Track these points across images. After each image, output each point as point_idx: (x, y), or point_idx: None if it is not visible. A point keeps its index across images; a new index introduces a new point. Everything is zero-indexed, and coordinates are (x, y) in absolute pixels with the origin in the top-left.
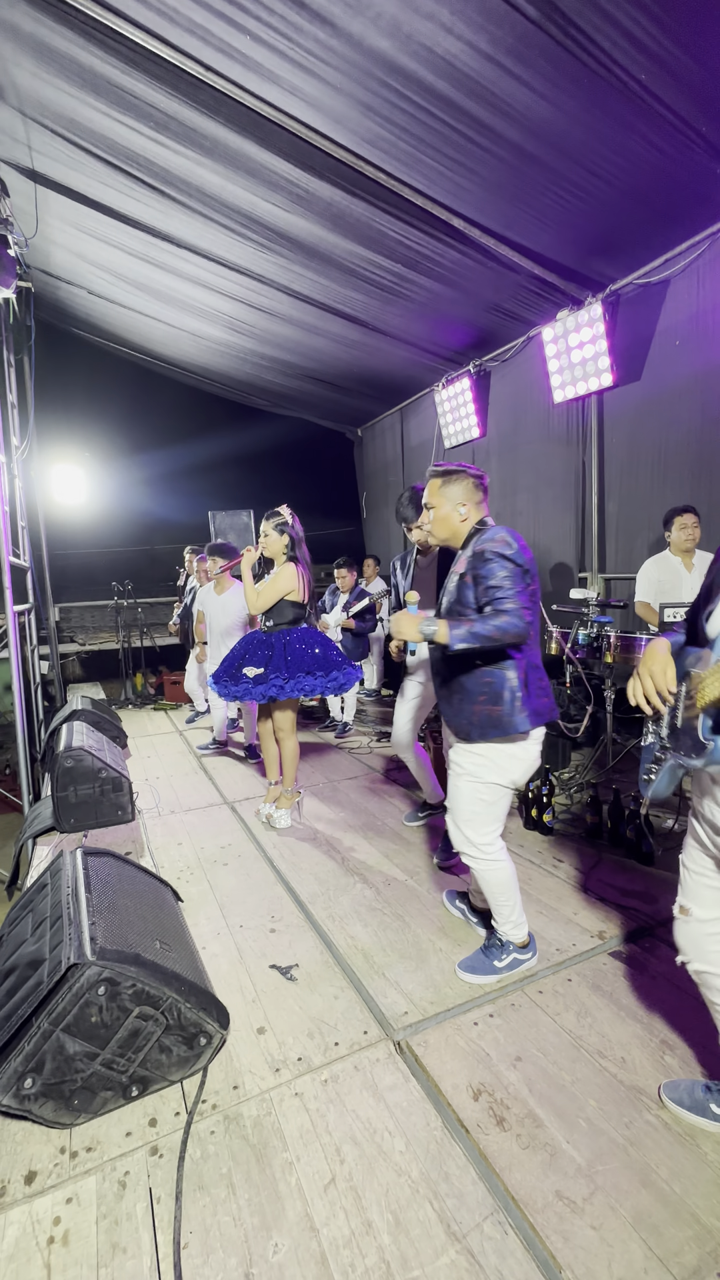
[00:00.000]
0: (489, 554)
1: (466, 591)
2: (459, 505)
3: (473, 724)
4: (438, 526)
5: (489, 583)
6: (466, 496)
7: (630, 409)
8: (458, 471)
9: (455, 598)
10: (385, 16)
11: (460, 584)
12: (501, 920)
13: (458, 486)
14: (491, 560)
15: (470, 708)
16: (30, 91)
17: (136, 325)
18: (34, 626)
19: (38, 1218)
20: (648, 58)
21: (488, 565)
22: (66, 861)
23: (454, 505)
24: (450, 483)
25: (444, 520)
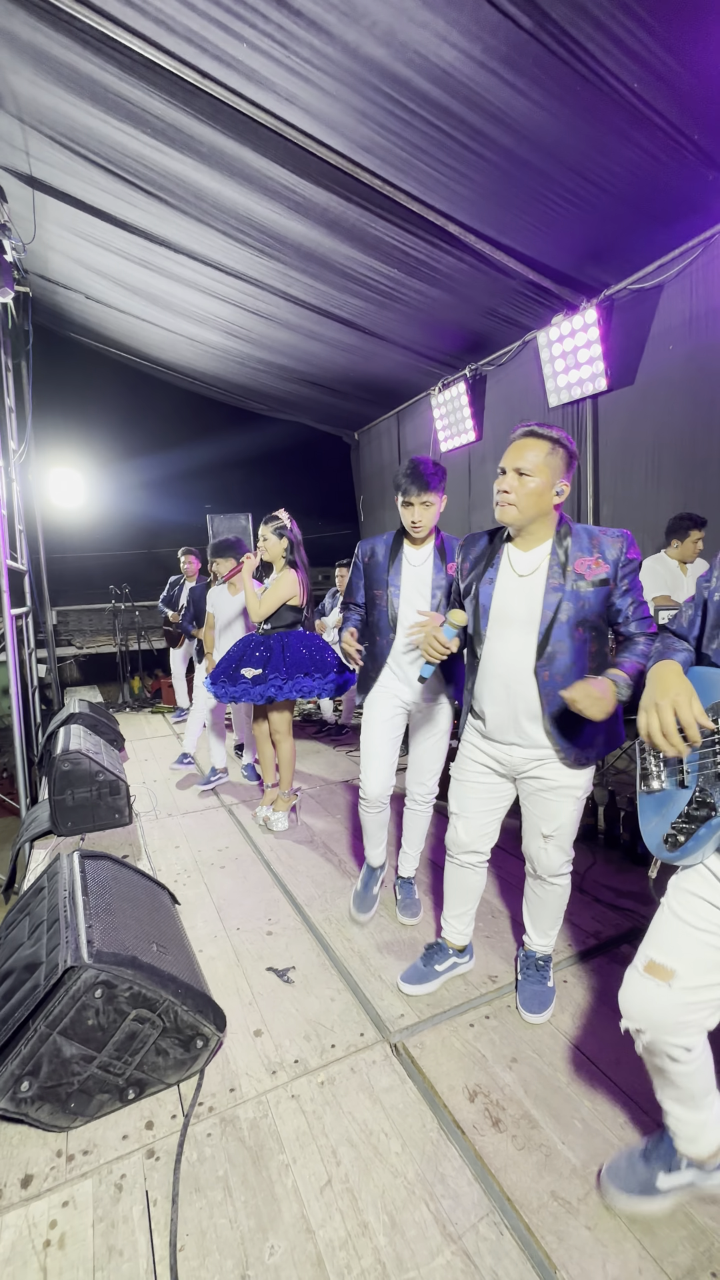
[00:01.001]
0: (635, 558)
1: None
2: (560, 482)
3: (595, 747)
4: (527, 503)
5: (637, 594)
6: (566, 475)
7: (624, 413)
8: (565, 443)
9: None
10: (380, 25)
11: (600, 594)
12: (554, 931)
13: (561, 460)
14: (636, 567)
15: (594, 732)
16: (28, 98)
17: (134, 330)
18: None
19: (34, 1221)
20: (640, 65)
21: (635, 574)
22: (63, 865)
23: (555, 480)
24: (556, 452)
25: (538, 496)
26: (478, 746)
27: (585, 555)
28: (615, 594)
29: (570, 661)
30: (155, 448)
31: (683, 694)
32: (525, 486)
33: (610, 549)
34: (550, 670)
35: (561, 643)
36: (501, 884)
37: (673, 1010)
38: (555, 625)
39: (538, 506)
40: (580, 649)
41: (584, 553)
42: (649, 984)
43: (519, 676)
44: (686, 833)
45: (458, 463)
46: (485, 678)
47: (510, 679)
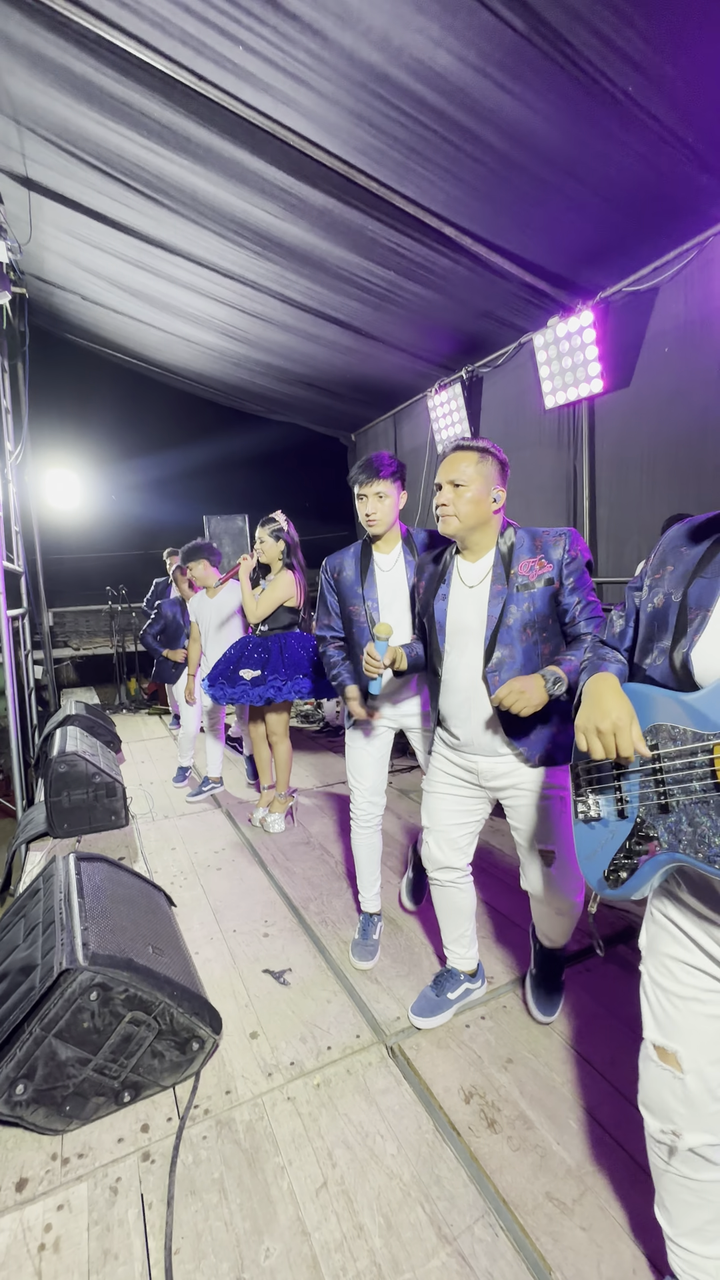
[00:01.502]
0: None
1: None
2: (495, 489)
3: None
4: (466, 512)
5: (585, 593)
6: (500, 482)
7: (620, 415)
8: (490, 451)
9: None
10: (376, 30)
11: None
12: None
13: (492, 468)
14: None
15: (554, 729)
16: (24, 100)
17: (130, 331)
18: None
19: (29, 1225)
20: (634, 70)
21: (582, 572)
22: (59, 867)
23: (490, 487)
24: (486, 460)
25: (475, 504)
26: (447, 758)
27: (528, 557)
28: (562, 593)
29: (519, 666)
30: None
31: (623, 717)
32: (462, 497)
33: (554, 549)
34: (500, 676)
35: (509, 647)
36: (496, 884)
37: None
38: (501, 630)
39: (477, 515)
40: (530, 651)
41: (527, 554)
42: (664, 1076)
43: (474, 686)
44: (629, 868)
45: None
46: (447, 692)
47: (468, 690)
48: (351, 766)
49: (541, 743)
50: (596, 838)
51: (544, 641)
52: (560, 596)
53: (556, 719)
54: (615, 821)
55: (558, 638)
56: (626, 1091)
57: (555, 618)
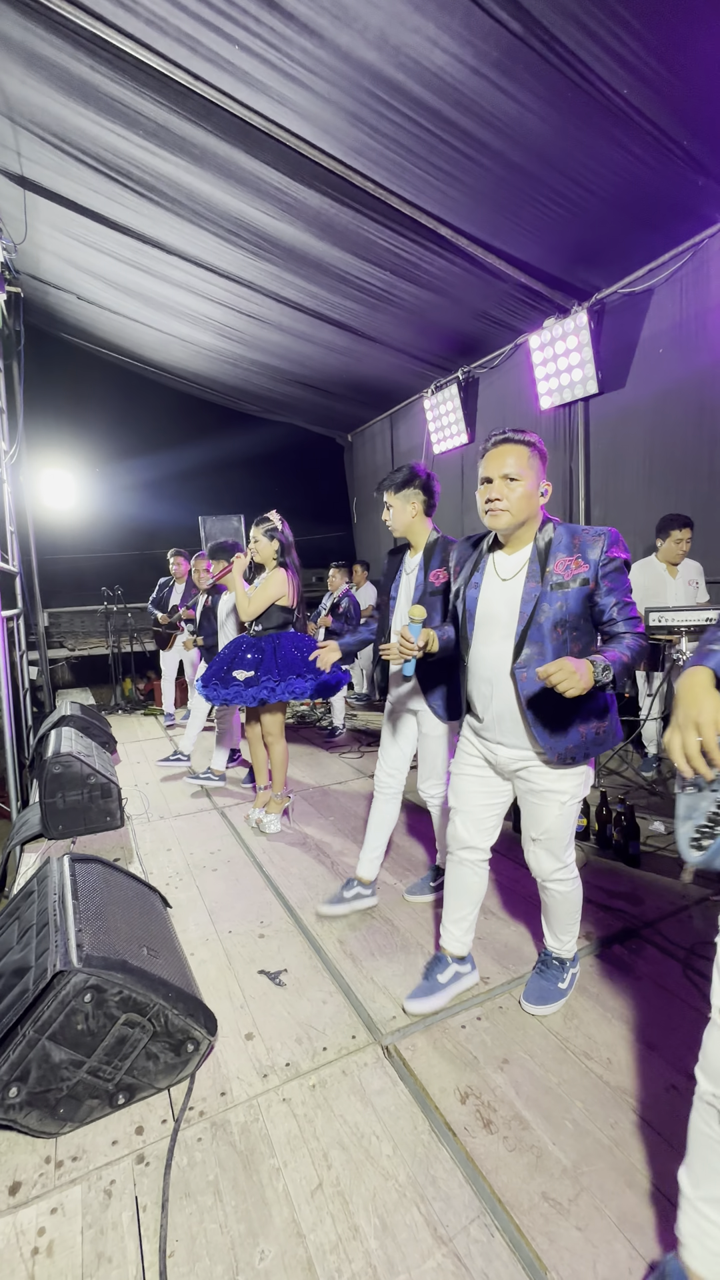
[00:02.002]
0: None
1: (573, 606)
2: (542, 483)
3: (581, 745)
4: (519, 507)
5: (622, 595)
6: (544, 473)
7: (615, 415)
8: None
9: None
10: (372, 29)
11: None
12: (568, 937)
13: (540, 461)
14: (621, 565)
15: (578, 729)
16: (19, 98)
17: (126, 330)
18: (23, 632)
19: (22, 1228)
20: (630, 73)
21: (619, 573)
22: (53, 868)
23: (539, 481)
24: (535, 454)
25: (527, 499)
26: (472, 741)
27: (565, 555)
28: (598, 594)
29: (546, 662)
30: (147, 449)
31: (709, 713)
32: (515, 491)
33: (592, 548)
34: (528, 671)
35: (539, 644)
36: (493, 885)
37: None
38: (532, 626)
39: (528, 509)
40: (559, 650)
41: (564, 553)
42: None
43: (500, 678)
44: (710, 835)
45: (450, 465)
46: (473, 680)
47: (494, 680)
48: (382, 740)
49: (565, 743)
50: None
51: (574, 640)
52: (595, 597)
53: (579, 719)
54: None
55: (589, 637)
56: (622, 1091)
57: (588, 618)
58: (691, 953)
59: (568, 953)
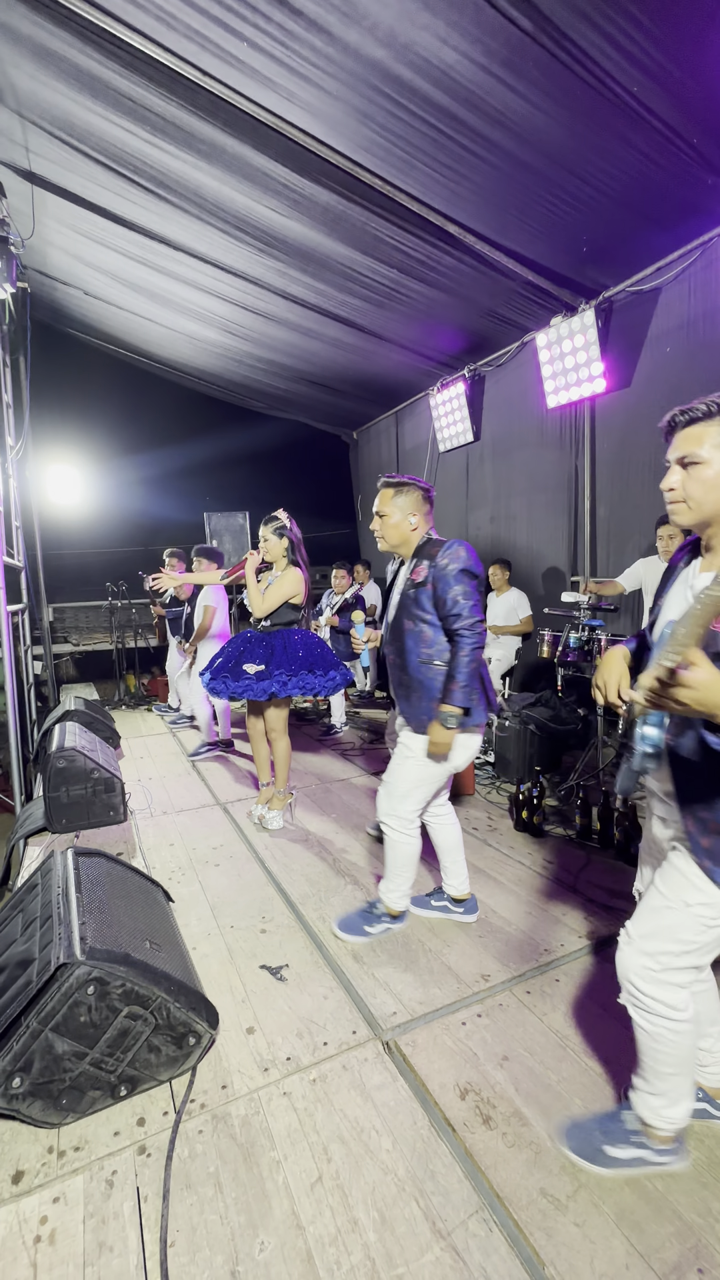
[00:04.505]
0: (454, 569)
1: (424, 597)
2: (409, 515)
3: (432, 717)
4: (389, 533)
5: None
6: (415, 508)
7: (622, 415)
8: (408, 484)
9: (412, 604)
10: (382, 27)
11: (418, 591)
12: (393, 888)
13: (408, 497)
14: (454, 571)
15: (428, 704)
16: (28, 94)
17: (132, 326)
18: (28, 626)
19: (24, 1217)
20: (639, 70)
21: (452, 577)
22: (57, 861)
23: (405, 515)
24: (401, 493)
25: (396, 528)
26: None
27: (419, 563)
28: (435, 592)
29: (402, 647)
30: (153, 445)
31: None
32: (387, 524)
33: (434, 557)
34: (392, 652)
35: (396, 631)
36: (497, 888)
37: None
38: (395, 618)
39: (398, 534)
40: (411, 636)
41: (419, 562)
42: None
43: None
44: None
45: (456, 463)
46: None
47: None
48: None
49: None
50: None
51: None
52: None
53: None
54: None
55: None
56: (623, 1089)
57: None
58: None
59: (390, 903)
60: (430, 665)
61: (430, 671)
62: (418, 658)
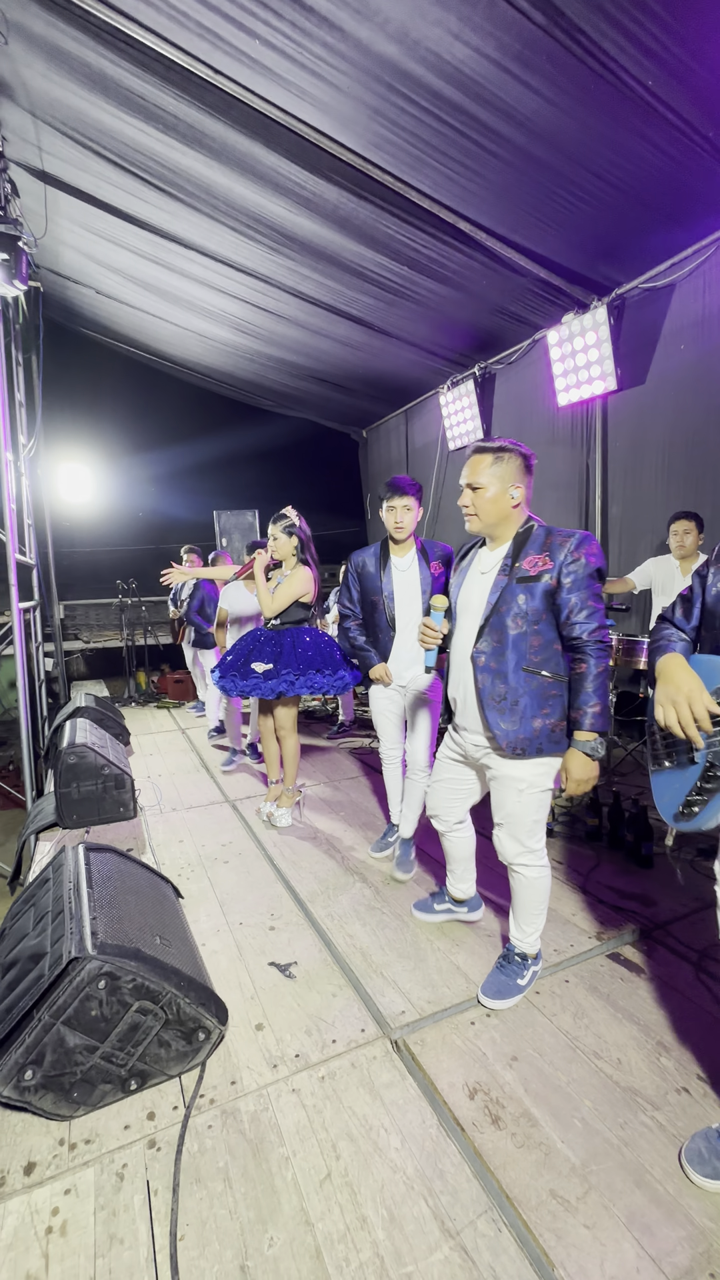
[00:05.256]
0: (582, 558)
1: (541, 596)
2: (510, 487)
3: (533, 739)
4: (486, 510)
5: (585, 595)
6: (518, 478)
7: (634, 413)
8: (509, 449)
9: (524, 601)
10: (393, 22)
11: (534, 586)
12: (531, 931)
13: (508, 465)
14: (584, 567)
15: (531, 723)
16: (41, 93)
17: (144, 325)
18: (39, 624)
19: (36, 1208)
20: (655, 63)
21: (584, 574)
22: (68, 857)
23: (507, 486)
24: (501, 460)
25: (494, 503)
26: (451, 735)
27: (535, 554)
28: (559, 591)
29: (504, 651)
30: (163, 443)
31: (694, 689)
32: (481, 498)
33: (560, 549)
34: (486, 656)
35: (497, 632)
36: (503, 884)
37: None
38: (494, 615)
39: (496, 512)
40: (517, 641)
41: (535, 551)
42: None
43: (465, 662)
44: (700, 803)
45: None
46: (452, 665)
47: (461, 664)
48: (376, 724)
49: (514, 733)
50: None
51: (534, 635)
52: (558, 595)
53: (532, 713)
54: (687, 767)
55: (551, 633)
56: (632, 1090)
57: (550, 613)
58: (704, 955)
59: (529, 948)
60: (538, 675)
61: (536, 682)
62: (523, 665)
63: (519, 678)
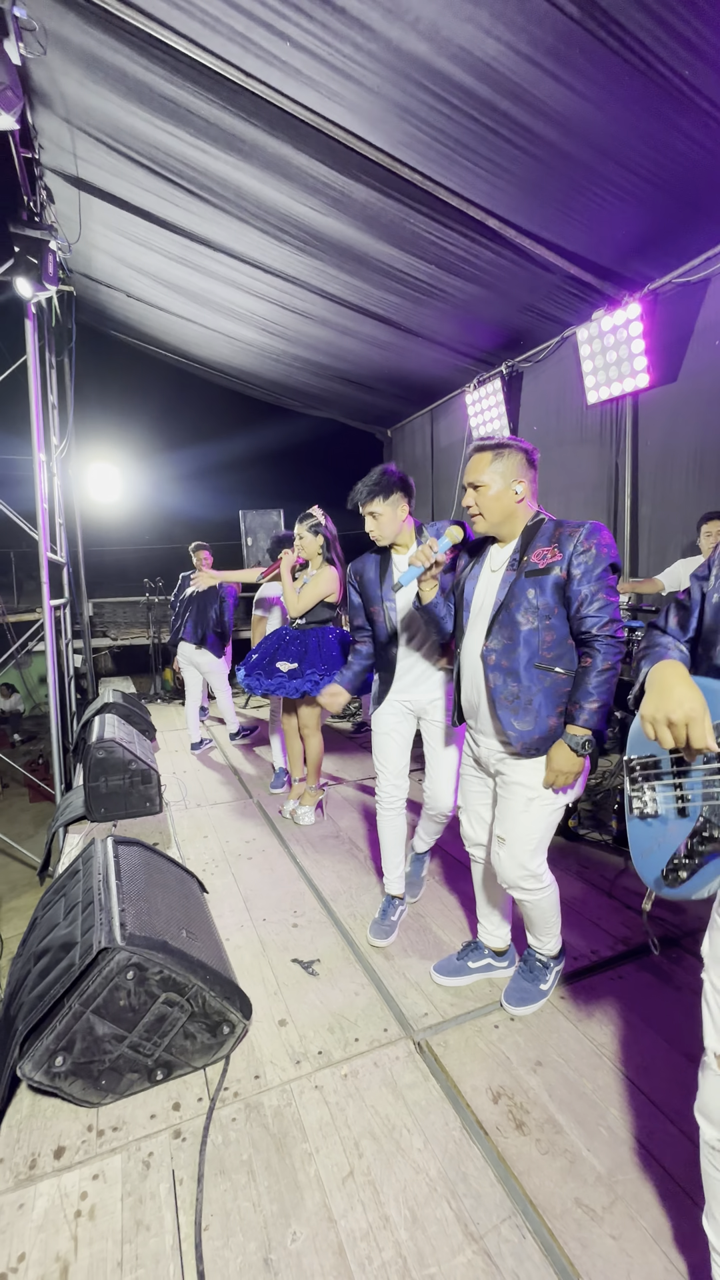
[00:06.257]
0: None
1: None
2: (513, 483)
3: (548, 737)
4: (490, 508)
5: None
6: (520, 474)
7: (666, 411)
8: (508, 445)
9: (534, 595)
10: (424, 20)
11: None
12: (548, 938)
13: (508, 462)
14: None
15: (546, 720)
16: (77, 101)
17: (173, 327)
18: (69, 621)
19: (66, 1191)
20: (692, 53)
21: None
22: (98, 849)
23: (507, 483)
24: (501, 457)
25: (497, 500)
26: (468, 739)
27: (544, 546)
28: (570, 583)
29: (515, 648)
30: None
31: (697, 708)
32: (484, 496)
33: (569, 540)
34: (496, 655)
35: (507, 629)
36: None
37: None
38: (502, 611)
39: (500, 509)
40: (529, 637)
41: (544, 544)
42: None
43: (475, 661)
44: (689, 868)
45: None
46: (462, 667)
47: (473, 665)
48: (376, 752)
49: (528, 733)
50: (653, 834)
51: (546, 630)
52: (568, 588)
53: (546, 710)
54: (675, 820)
55: (564, 628)
56: (659, 1101)
57: (562, 607)
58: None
59: (549, 951)
60: (551, 672)
61: (550, 679)
62: (535, 661)
63: (531, 675)
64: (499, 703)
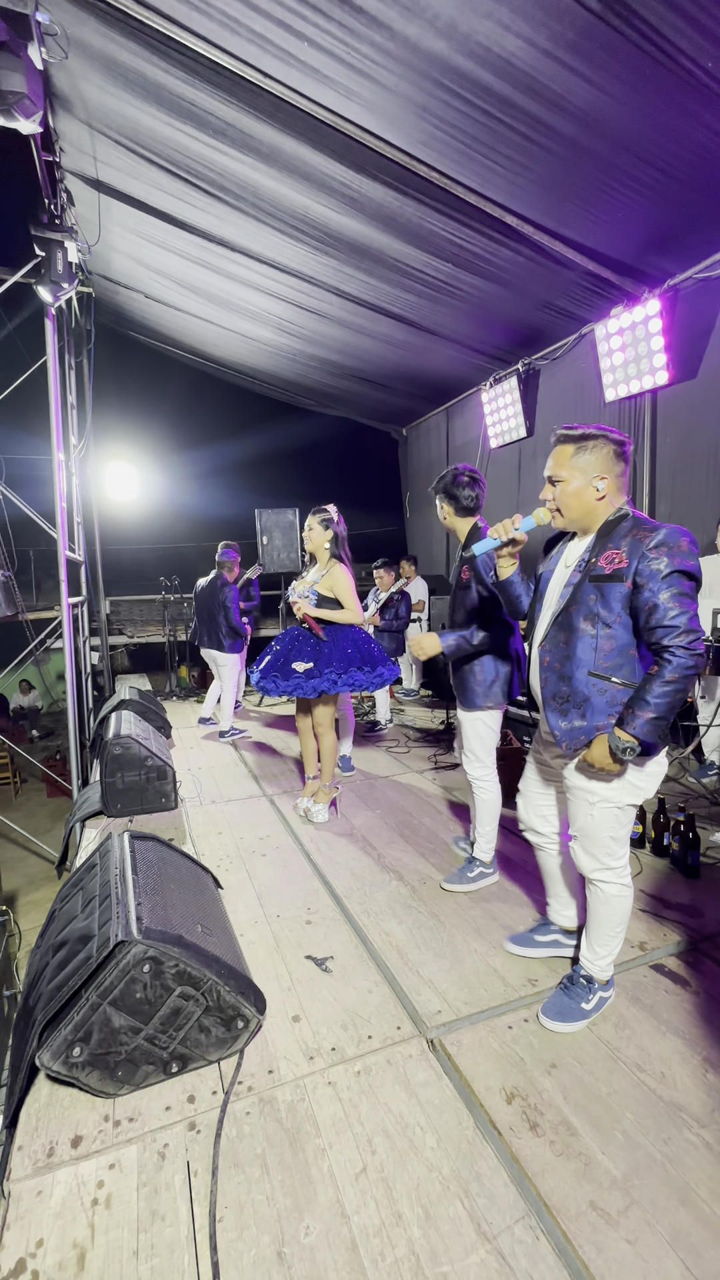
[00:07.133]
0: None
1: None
2: (595, 479)
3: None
4: (570, 504)
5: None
6: (605, 468)
7: (685, 408)
8: (595, 436)
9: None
10: (443, 18)
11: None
12: (604, 954)
13: (595, 455)
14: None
15: (593, 723)
16: (97, 104)
17: (190, 328)
18: (86, 618)
19: (83, 1179)
20: (715, 45)
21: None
22: (114, 843)
23: (589, 479)
24: (585, 449)
25: (576, 497)
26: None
27: (614, 548)
28: (637, 594)
29: (569, 652)
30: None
31: None
32: (563, 491)
33: (639, 545)
34: (550, 656)
35: (565, 632)
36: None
37: None
38: (563, 613)
39: (579, 507)
40: (587, 643)
41: (615, 545)
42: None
43: (536, 655)
44: None
45: (507, 460)
46: (531, 658)
47: (535, 658)
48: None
49: (574, 732)
50: None
51: (606, 638)
52: (635, 597)
53: (593, 711)
54: None
55: (627, 637)
56: (676, 1105)
57: (627, 615)
58: None
59: (600, 972)
60: (606, 681)
61: (603, 688)
62: (589, 669)
63: (584, 682)
64: (547, 701)
